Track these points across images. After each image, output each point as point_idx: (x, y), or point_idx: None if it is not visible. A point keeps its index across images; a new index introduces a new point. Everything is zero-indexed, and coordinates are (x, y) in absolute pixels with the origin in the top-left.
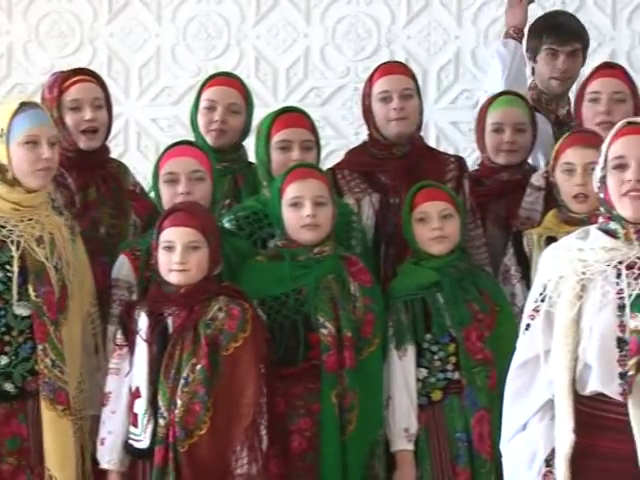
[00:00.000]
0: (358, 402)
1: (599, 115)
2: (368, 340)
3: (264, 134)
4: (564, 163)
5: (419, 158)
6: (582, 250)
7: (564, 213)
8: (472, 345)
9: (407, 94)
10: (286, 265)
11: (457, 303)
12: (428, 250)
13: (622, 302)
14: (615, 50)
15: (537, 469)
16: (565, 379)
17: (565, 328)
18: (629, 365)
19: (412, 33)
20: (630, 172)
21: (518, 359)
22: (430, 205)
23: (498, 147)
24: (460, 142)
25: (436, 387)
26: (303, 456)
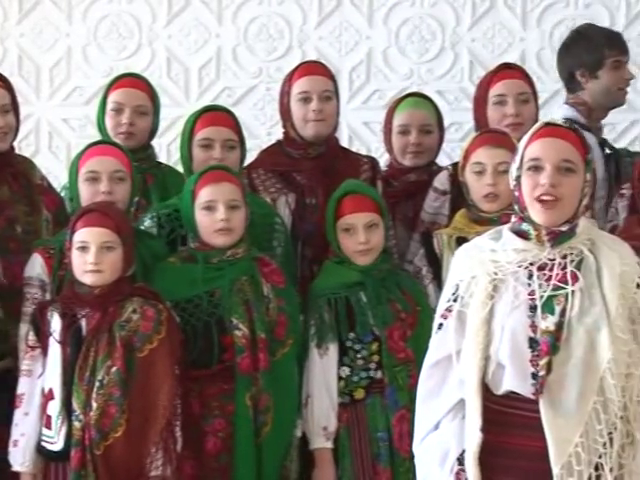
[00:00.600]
0: (273, 404)
1: (507, 117)
2: (281, 341)
3: (187, 131)
4: (474, 163)
5: (334, 158)
6: (494, 251)
7: (474, 213)
8: (395, 344)
9: (327, 96)
10: (199, 267)
11: (380, 302)
12: (353, 260)
13: (533, 303)
14: (525, 51)
15: (449, 468)
16: (475, 378)
17: (477, 328)
18: (540, 365)
19: (324, 33)
20: (544, 176)
21: (430, 359)
22: (356, 217)
23: (404, 149)
24: (372, 142)
25: (359, 386)
26: (218, 457)
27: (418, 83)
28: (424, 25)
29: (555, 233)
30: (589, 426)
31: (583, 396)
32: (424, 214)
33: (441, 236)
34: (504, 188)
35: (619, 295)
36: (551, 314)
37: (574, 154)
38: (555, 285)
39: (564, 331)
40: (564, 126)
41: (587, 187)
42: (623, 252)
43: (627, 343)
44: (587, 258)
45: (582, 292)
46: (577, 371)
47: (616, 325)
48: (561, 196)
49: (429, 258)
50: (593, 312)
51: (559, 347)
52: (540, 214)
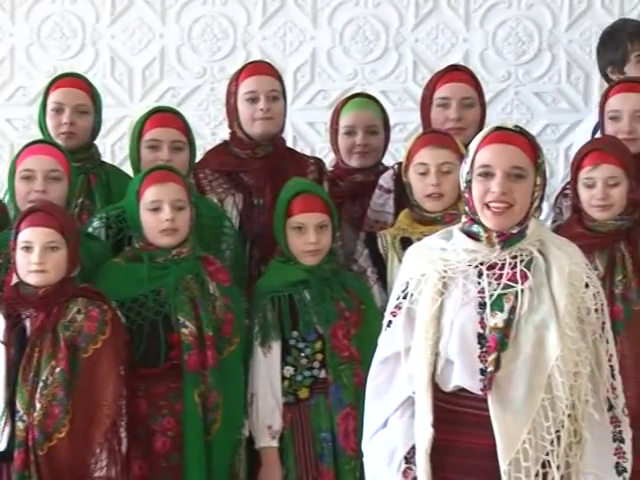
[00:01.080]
0: (222, 401)
1: (450, 121)
2: (228, 339)
3: (136, 132)
4: (418, 164)
5: (281, 159)
6: (445, 250)
7: (417, 213)
8: (339, 343)
9: (274, 95)
10: (144, 267)
11: (324, 301)
12: (301, 260)
13: (483, 300)
14: (468, 51)
15: (397, 466)
16: (425, 375)
17: (426, 324)
18: (488, 361)
19: (268, 34)
20: (495, 183)
21: (379, 356)
22: (308, 217)
23: (351, 149)
24: (317, 142)
25: (303, 385)
26: (167, 456)
27: (362, 83)
28: (368, 25)
29: (505, 235)
30: (537, 423)
31: (531, 393)
32: (370, 211)
33: (385, 236)
34: (447, 188)
35: (567, 294)
36: (500, 311)
37: (524, 159)
38: (505, 284)
39: (513, 328)
40: (514, 130)
41: (537, 191)
42: (572, 253)
43: (575, 341)
44: (537, 258)
45: (531, 291)
46: (525, 368)
47: (564, 323)
48: (512, 202)
49: (374, 258)
50: (542, 310)
51: (508, 344)
52: (490, 220)
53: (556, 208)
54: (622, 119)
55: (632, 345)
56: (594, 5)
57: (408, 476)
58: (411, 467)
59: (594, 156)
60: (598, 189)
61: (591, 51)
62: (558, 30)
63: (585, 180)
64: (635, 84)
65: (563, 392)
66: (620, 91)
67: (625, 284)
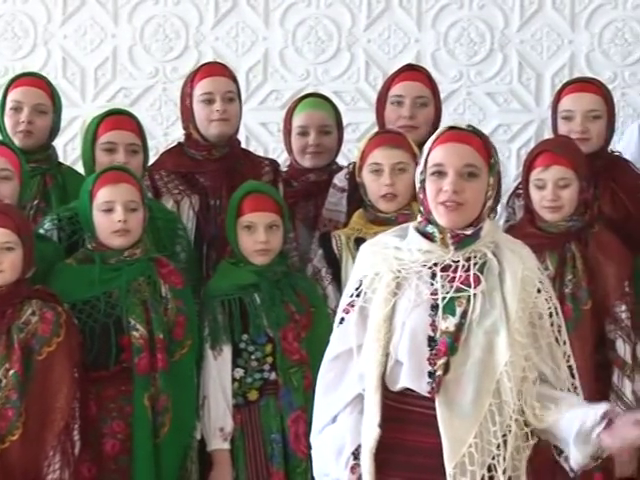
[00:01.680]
0: (171, 404)
1: (402, 119)
2: (180, 342)
3: (90, 135)
4: (371, 163)
5: (237, 160)
6: (399, 249)
7: (371, 213)
8: (289, 345)
9: (229, 97)
10: (96, 268)
11: (274, 304)
12: (251, 260)
13: (435, 303)
14: (420, 52)
15: (344, 462)
16: (375, 374)
17: (378, 324)
18: (438, 365)
19: (220, 34)
20: (447, 182)
21: (331, 352)
22: (257, 216)
23: (304, 149)
24: (269, 143)
25: (253, 387)
26: (116, 459)
27: (315, 84)
28: (320, 26)
29: (459, 236)
30: (483, 427)
31: (479, 397)
32: (324, 210)
33: (339, 237)
34: (401, 188)
35: (519, 299)
36: (452, 315)
37: (477, 159)
38: (458, 287)
39: (464, 333)
40: (468, 130)
41: (490, 190)
42: (525, 256)
43: (524, 347)
44: (490, 261)
45: (483, 295)
46: (474, 372)
47: (515, 329)
48: (464, 201)
49: (328, 259)
50: (493, 315)
51: (457, 348)
52: (443, 218)
53: (509, 208)
54: (575, 119)
55: (581, 344)
56: (545, 6)
57: (355, 472)
58: (359, 464)
59: (545, 157)
60: (548, 190)
61: (542, 51)
62: (509, 31)
63: (536, 181)
64: (588, 84)
65: (511, 397)
66: (573, 91)
67: (575, 283)
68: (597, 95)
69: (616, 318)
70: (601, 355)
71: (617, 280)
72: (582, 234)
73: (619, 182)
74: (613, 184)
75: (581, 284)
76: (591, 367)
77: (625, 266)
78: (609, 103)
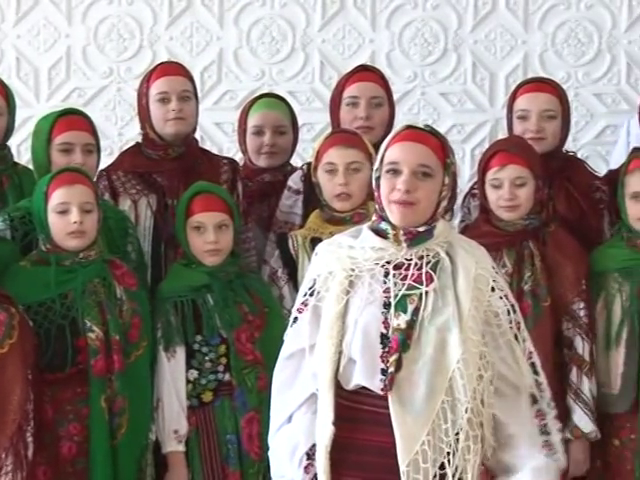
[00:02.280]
0: (128, 406)
1: (358, 119)
2: (135, 344)
3: (44, 136)
4: (326, 163)
5: (195, 159)
6: (352, 248)
7: (327, 213)
8: (242, 346)
9: (185, 96)
10: (51, 270)
11: (227, 305)
12: (201, 260)
13: (388, 300)
14: (375, 52)
15: (298, 461)
16: (328, 372)
17: (331, 322)
18: (390, 362)
19: (175, 34)
20: (401, 180)
21: (285, 352)
22: (206, 216)
23: (259, 149)
24: (224, 143)
25: (207, 388)
26: (73, 461)
27: (269, 84)
28: (275, 26)
29: (412, 234)
30: (436, 425)
31: (432, 395)
32: (279, 212)
33: (296, 237)
34: (356, 187)
35: (472, 297)
36: (404, 312)
37: (432, 158)
38: (410, 284)
39: (416, 330)
40: (425, 130)
41: (445, 190)
42: (479, 256)
43: (478, 345)
44: (443, 260)
45: (436, 293)
46: (427, 370)
47: (467, 327)
48: (417, 200)
49: (284, 259)
50: (445, 313)
51: (409, 345)
52: (395, 216)
53: (464, 208)
54: (530, 118)
55: (541, 341)
56: (498, 6)
57: (309, 472)
58: (313, 463)
59: (501, 157)
60: (505, 190)
61: (496, 52)
62: (463, 31)
63: (492, 181)
64: (543, 84)
65: (464, 395)
66: (529, 91)
67: (534, 281)
68: (552, 95)
69: (574, 316)
70: (558, 354)
71: (575, 278)
72: (539, 233)
73: (574, 182)
74: (568, 184)
75: (540, 281)
76: (550, 365)
77: (582, 264)
78: (564, 103)
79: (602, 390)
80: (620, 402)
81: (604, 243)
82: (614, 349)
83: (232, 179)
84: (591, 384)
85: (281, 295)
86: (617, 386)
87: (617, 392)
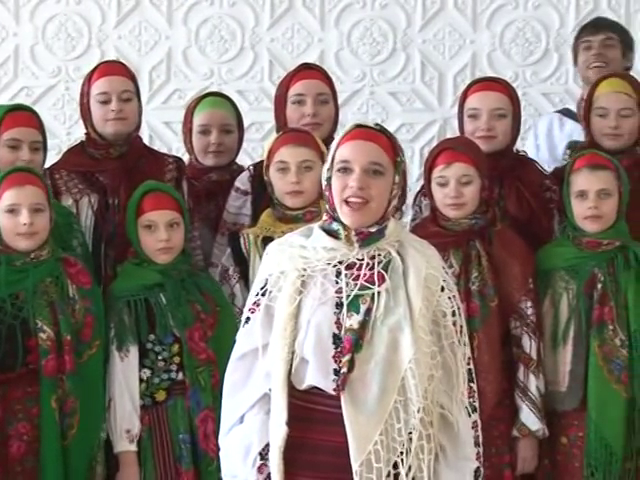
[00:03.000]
0: (79, 406)
1: (305, 117)
2: (88, 343)
3: None
4: (278, 162)
5: (138, 158)
6: (304, 247)
7: (279, 211)
8: (195, 345)
9: (126, 97)
10: (2, 270)
11: (180, 304)
12: (153, 259)
13: (340, 300)
14: (324, 51)
15: (252, 461)
16: (281, 372)
17: (284, 322)
18: (342, 362)
19: (123, 32)
20: (353, 178)
21: (237, 352)
22: (157, 214)
23: (205, 149)
24: (173, 142)
25: (160, 387)
26: (22, 460)
27: (219, 83)
28: (223, 25)
29: (364, 234)
30: (389, 424)
31: (384, 394)
32: (226, 214)
33: (248, 236)
34: (308, 185)
35: (423, 297)
36: (356, 313)
37: (383, 156)
38: (362, 284)
39: (368, 330)
40: (375, 128)
41: (396, 189)
42: (430, 256)
43: (429, 344)
44: (394, 260)
45: (388, 293)
46: (379, 370)
47: (419, 326)
48: (369, 198)
49: (236, 258)
50: (397, 312)
51: (362, 345)
52: (348, 216)
53: (415, 206)
54: (481, 117)
55: (489, 340)
56: (447, 6)
57: (263, 472)
58: (266, 463)
59: (446, 155)
60: (451, 188)
61: (444, 51)
62: (412, 30)
63: (438, 179)
64: (493, 83)
65: (416, 394)
66: (479, 90)
67: (481, 281)
68: (503, 94)
69: (522, 314)
70: (506, 353)
71: (522, 277)
72: (485, 232)
73: (524, 181)
74: (518, 183)
75: (487, 281)
76: (499, 364)
77: (528, 263)
78: (515, 102)
79: (550, 388)
80: (568, 400)
81: (551, 242)
82: (561, 347)
83: (177, 178)
84: (538, 382)
85: (232, 294)
86: (565, 384)
87: (565, 390)
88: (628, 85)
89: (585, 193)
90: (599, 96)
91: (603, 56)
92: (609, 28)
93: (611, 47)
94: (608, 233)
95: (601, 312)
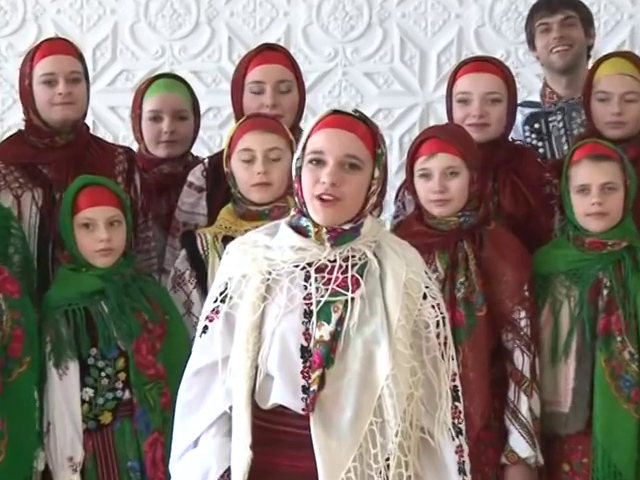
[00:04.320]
0: (7, 430)
1: (264, 108)
2: (18, 359)
3: None
4: (242, 150)
5: (85, 148)
6: (269, 248)
7: (241, 207)
8: (143, 359)
9: (75, 77)
10: None
11: (124, 312)
12: (92, 262)
13: (309, 308)
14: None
15: None
16: (244, 389)
17: (246, 334)
18: (312, 378)
19: (63, 6)
20: (326, 172)
21: (193, 366)
22: (96, 211)
23: (157, 138)
24: (120, 129)
25: (105, 409)
26: None
27: (171, 62)
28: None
29: (336, 232)
30: (363, 449)
31: (358, 416)
32: (178, 212)
33: (205, 235)
34: (276, 177)
35: (402, 306)
36: (327, 322)
37: (361, 149)
38: (334, 290)
39: (340, 342)
40: (354, 115)
41: (375, 184)
42: (411, 259)
43: (409, 359)
44: (371, 262)
45: (363, 300)
46: (353, 387)
47: (397, 339)
48: (342, 195)
49: (192, 260)
50: (373, 322)
51: (334, 359)
52: (318, 213)
53: (398, 202)
54: (472, 102)
55: (476, 354)
56: None
57: None
58: None
59: (430, 144)
60: (435, 181)
61: (426, 27)
62: (390, 3)
63: (421, 171)
64: (486, 63)
65: (393, 416)
66: (470, 71)
67: (468, 287)
68: (497, 76)
69: (514, 326)
70: (496, 368)
71: (515, 283)
72: (476, 232)
73: (521, 174)
74: (514, 176)
75: (475, 287)
76: (487, 381)
77: (524, 268)
78: (510, 86)
79: (550, 409)
80: (571, 422)
81: (549, 243)
82: (563, 362)
83: (128, 170)
84: (531, 402)
85: (189, 301)
86: (567, 404)
87: (567, 410)
88: (632, 66)
89: (587, 188)
90: (600, 78)
91: (566, 38)
92: (566, 5)
93: (572, 26)
94: (614, 232)
95: (608, 322)
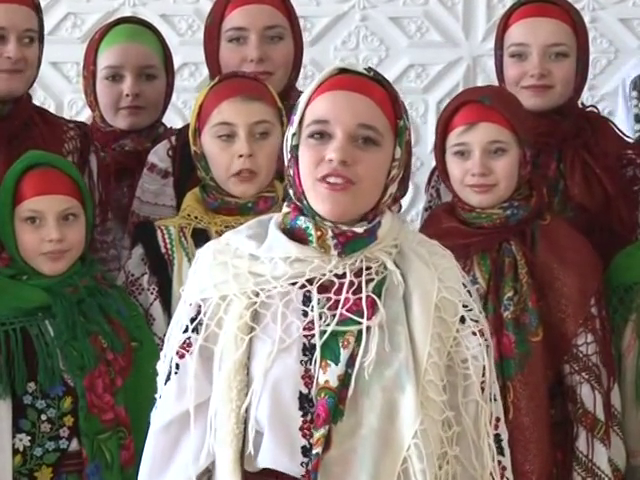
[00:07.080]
0: None
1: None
2: None
3: None
4: (218, 124)
5: (25, 122)
6: (256, 258)
7: (215, 198)
8: (98, 399)
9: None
10: None
11: (76, 337)
12: (37, 268)
13: (310, 342)
14: None
15: None
16: (229, 451)
17: (228, 378)
18: (315, 438)
19: None
20: (333, 148)
21: (160, 419)
22: (45, 201)
23: (116, 103)
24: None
25: (43, 462)
26: None
27: (133, 4)
28: None
29: (346, 235)
30: None
31: None
32: (137, 203)
33: (167, 229)
34: (263, 160)
35: (434, 335)
36: (334, 362)
37: (378, 116)
38: (343, 316)
39: (351, 388)
40: (367, 75)
41: (396, 168)
42: (444, 268)
43: (442, 410)
44: (391, 276)
45: (382, 330)
46: (369, 448)
47: (427, 381)
48: (357, 178)
49: (152, 263)
50: (395, 361)
51: (343, 412)
52: (325, 201)
53: (431, 190)
54: (530, 57)
55: (531, 393)
56: None
57: None
58: None
59: (468, 111)
60: (474, 160)
61: None
62: None
63: (455, 147)
64: (548, 5)
65: None
66: (527, 15)
67: (518, 303)
68: (562, 22)
69: (577, 355)
70: (558, 410)
71: (580, 298)
72: (527, 229)
73: (595, 152)
74: (587, 155)
75: (527, 304)
76: (546, 427)
77: (590, 275)
78: (581, 35)
79: (635, 462)
80: None
81: (634, 243)
82: None
83: (81, 150)
84: (611, 453)
85: (149, 316)
86: None
87: None
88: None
89: None
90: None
91: None
92: None
93: None
94: None
95: None
